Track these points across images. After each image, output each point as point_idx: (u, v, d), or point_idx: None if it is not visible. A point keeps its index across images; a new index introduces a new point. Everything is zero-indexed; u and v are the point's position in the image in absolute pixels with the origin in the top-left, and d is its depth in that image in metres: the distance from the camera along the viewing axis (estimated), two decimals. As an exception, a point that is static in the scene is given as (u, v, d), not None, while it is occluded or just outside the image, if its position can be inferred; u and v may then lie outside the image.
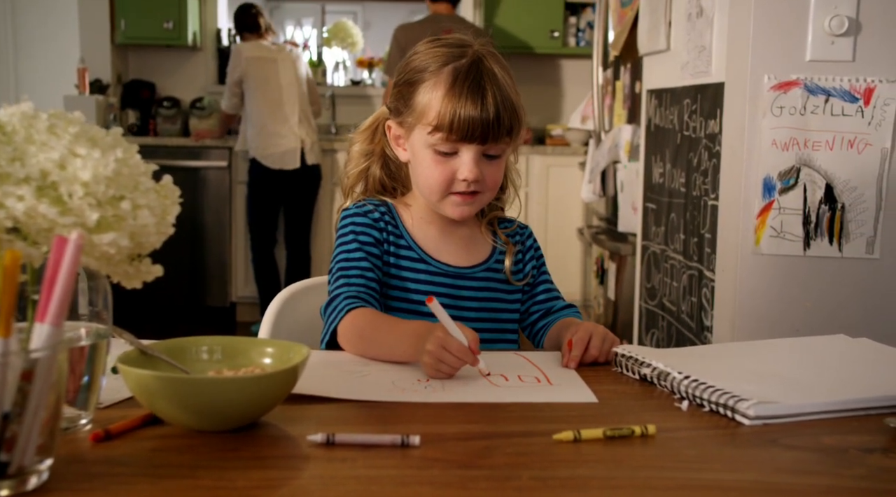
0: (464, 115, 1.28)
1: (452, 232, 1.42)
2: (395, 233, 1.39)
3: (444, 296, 1.37)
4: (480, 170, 1.32)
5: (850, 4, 1.79)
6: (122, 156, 0.85)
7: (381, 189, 1.45)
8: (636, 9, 2.93)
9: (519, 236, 1.49)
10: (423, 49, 1.36)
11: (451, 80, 1.30)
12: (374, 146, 1.45)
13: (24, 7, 6.86)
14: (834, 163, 1.82)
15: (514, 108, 1.32)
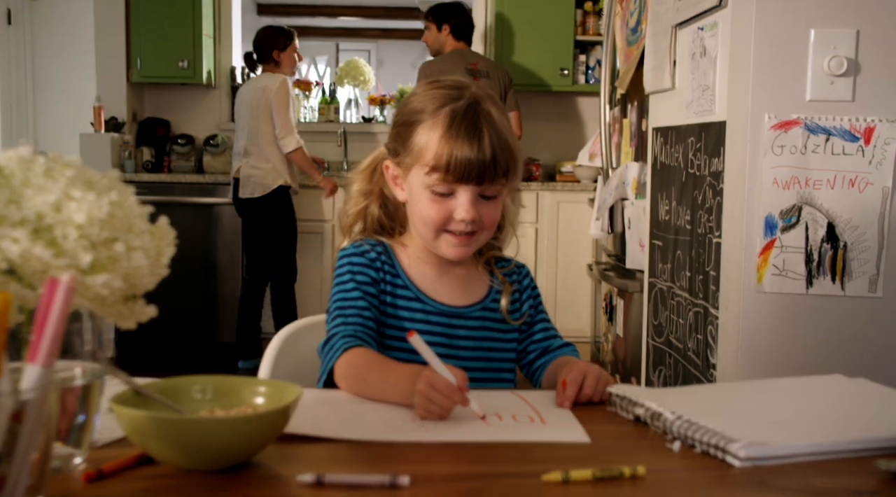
0: (460, 157, 1.30)
1: (449, 271, 1.43)
2: (392, 272, 1.40)
3: (440, 334, 1.37)
4: (477, 210, 1.33)
5: (849, 45, 1.81)
6: (117, 198, 0.86)
7: (380, 228, 1.46)
8: (642, 48, 2.96)
9: (516, 275, 1.50)
10: (421, 91, 1.38)
11: (449, 121, 1.31)
12: (372, 186, 1.46)
13: (42, 46, 6.97)
14: (835, 201, 1.83)
15: (510, 150, 1.33)
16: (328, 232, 5.19)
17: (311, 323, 1.57)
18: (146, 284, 0.88)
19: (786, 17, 1.85)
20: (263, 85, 4.64)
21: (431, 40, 4.86)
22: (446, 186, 1.32)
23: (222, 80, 5.79)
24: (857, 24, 1.82)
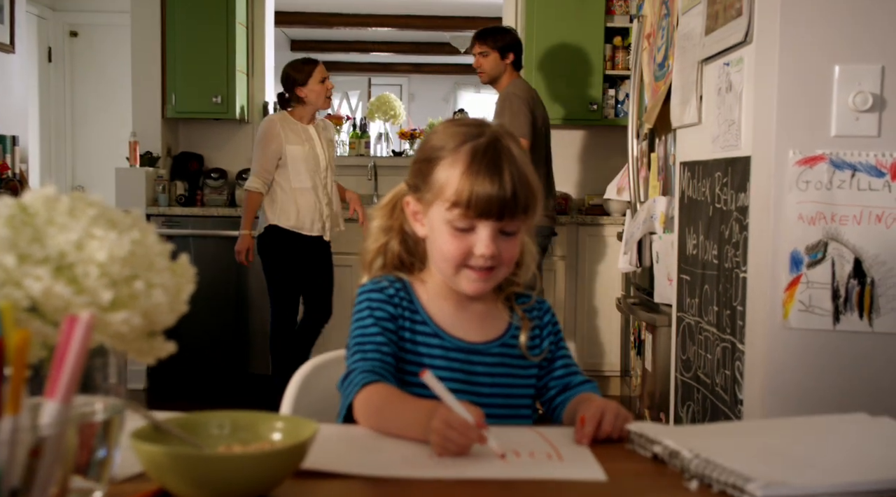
0: (481, 193, 1.31)
1: (468, 307, 1.44)
2: (411, 308, 1.41)
3: (458, 370, 1.38)
4: (497, 246, 1.34)
5: (874, 81, 1.81)
6: (139, 237, 0.88)
7: (400, 264, 1.48)
8: (669, 82, 2.97)
9: (537, 311, 1.50)
10: (442, 129, 1.40)
11: (470, 158, 1.33)
12: (392, 222, 1.48)
13: (81, 82, 7.11)
14: (862, 237, 1.82)
15: (529, 186, 1.35)
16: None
17: (333, 358, 1.58)
18: (166, 321, 0.90)
19: (810, 54, 1.85)
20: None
21: (490, 67, 4.60)
22: (467, 222, 1.34)
23: (255, 115, 5.87)
24: (882, 59, 1.82)
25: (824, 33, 1.85)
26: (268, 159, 4.40)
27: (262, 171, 4.41)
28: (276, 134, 4.41)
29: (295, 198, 4.44)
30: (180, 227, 5.20)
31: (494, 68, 4.59)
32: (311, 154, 4.48)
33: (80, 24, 7.08)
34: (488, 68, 4.60)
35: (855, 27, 1.84)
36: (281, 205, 4.45)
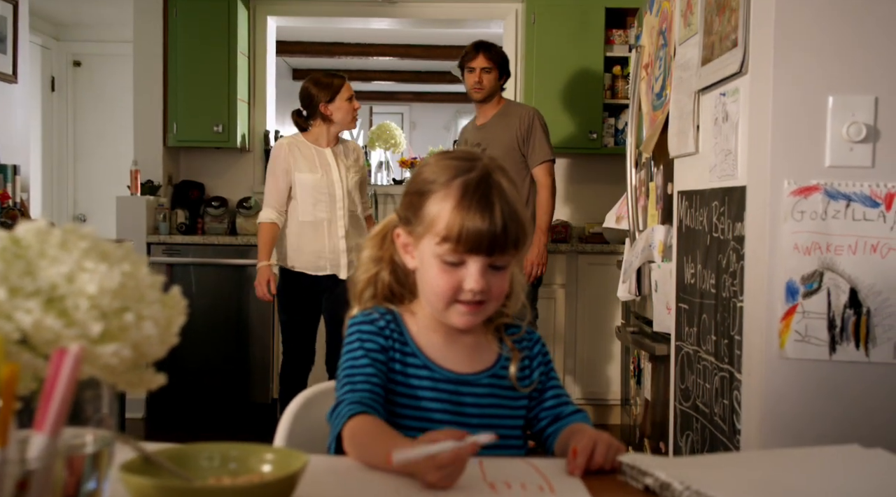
0: (472, 228, 1.32)
1: (457, 339, 1.44)
2: (401, 340, 1.41)
3: (447, 402, 1.38)
4: (486, 280, 1.35)
5: (868, 112, 1.82)
6: (130, 269, 0.89)
7: (390, 294, 1.48)
8: (666, 112, 2.98)
9: (527, 342, 1.50)
10: (434, 161, 1.41)
11: (461, 193, 1.34)
12: (383, 252, 1.48)
13: (83, 112, 7.15)
14: (857, 267, 1.82)
15: (520, 221, 1.35)
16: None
17: (328, 388, 1.58)
18: (156, 353, 0.90)
19: (804, 84, 1.86)
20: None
21: (491, 84, 4.46)
22: (457, 256, 1.34)
23: (256, 143, 5.90)
24: (875, 90, 1.83)
25: (818, 64, 1.86)
26: (277, 188, 4.06)
27: (272, 200, 4.08)
28: (283, 161, 4.07)
29: (302, 234, 4.07)
30: (181, 255, 5.21)
31: (494, 86, 4.49)
32: (325, 182, 4.05)
33: (83, 54, 7.14)
34: (489, 85, 4.46)
35: (848, 58, 1.86)
36: (288, 242, 4.11)
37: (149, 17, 5.54)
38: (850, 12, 1.86)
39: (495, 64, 4.45)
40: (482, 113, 4.57)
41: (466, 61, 4.49)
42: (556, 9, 5.44)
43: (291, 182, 4.05)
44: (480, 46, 4.46)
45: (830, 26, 1.86)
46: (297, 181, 4.04)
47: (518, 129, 4.39)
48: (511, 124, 4.42)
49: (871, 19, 1.85)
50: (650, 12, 3.42)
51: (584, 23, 5.44)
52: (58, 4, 6.43)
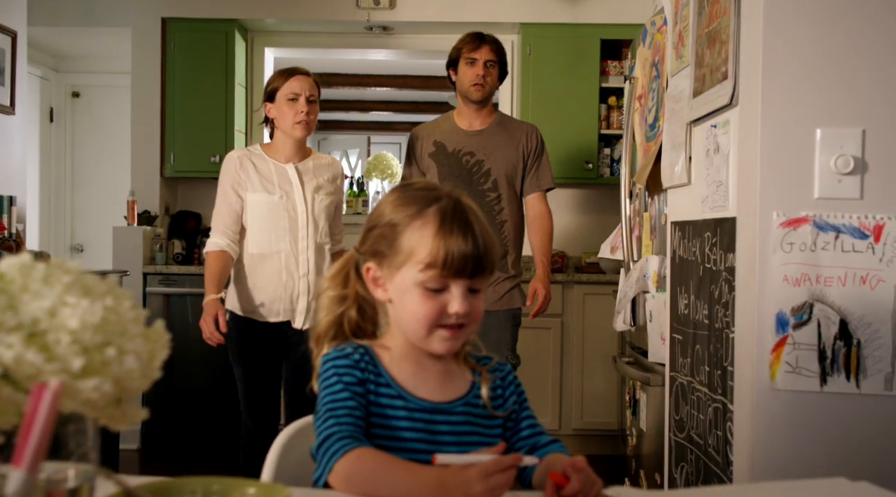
0: (457, 252, 1.35)
1: (429, 367, 1.45)
2: (375, 372, 1.42)
3: (423, 431, 1.39)
4: (469, 303, 1.36)
5: (856, 144, 1.83)
6: (112, 303, 0.89)
7: (358, 330, 1.48)
8: (659, 143, 3.00)
9: (499, 372, 1.51)
10: (395, 197, 1.43)
11: (440, 219, 1.36)
12: (348, 290, 1.49)
13: (81, 142, 7.18)
14: (847, 299, 1.82)
15: (494, 244, 1.40)
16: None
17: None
18: (138, 387, 0.90)
19: (791, 117, 1.88)
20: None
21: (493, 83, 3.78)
22: (441, 282, 1.36)
23: (253, 173, 5.92)
24: (863, 123, 1.84)
25: (806, 97, 1.88)
26: (225, 210, 3.27)
27: (220, 224, 3.28)
28: (231, 177, 3.26)
29: (252, 270, 3.27)
30: (177, 285, 5.21)
31: (495, 85, 3.79)
32: (284, 205, 3.23)
33: (82, 85, 7.18)
34: (492, 82, 3.76)
35: (836, 91, 1.87)
36: (235, 280, 3.32)
37: (147, 49, 5.58)
38: (837, 46, 1.88)
39: (500, 59, 3.78)
40: (475, 118, 3.79)
41: (466, 52, 3.74)
42: (552, 40, 5.48)
43: (243, 204, 3.27)
44: (485, 37, 3.76)
45: (818, 60, 1.88)
46: (250, 203, 3.24)
47: (525, 144, 3.78)
48: (515, 137, 3.78)
49: (859, 53, 1.87)
50: (643, 44, 3.45)
51: (579, 54, 5.48)
52: (57, 37, 6.48)
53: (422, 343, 1.41)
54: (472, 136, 3.77)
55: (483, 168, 3.72)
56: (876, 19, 1.87)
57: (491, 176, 3.72)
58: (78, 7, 6.11)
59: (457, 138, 3.76)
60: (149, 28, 5.57)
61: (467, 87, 3.75)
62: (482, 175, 3.72)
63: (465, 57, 3.75)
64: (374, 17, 5.60)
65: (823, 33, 1.88)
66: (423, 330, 1.38)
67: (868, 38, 1.87)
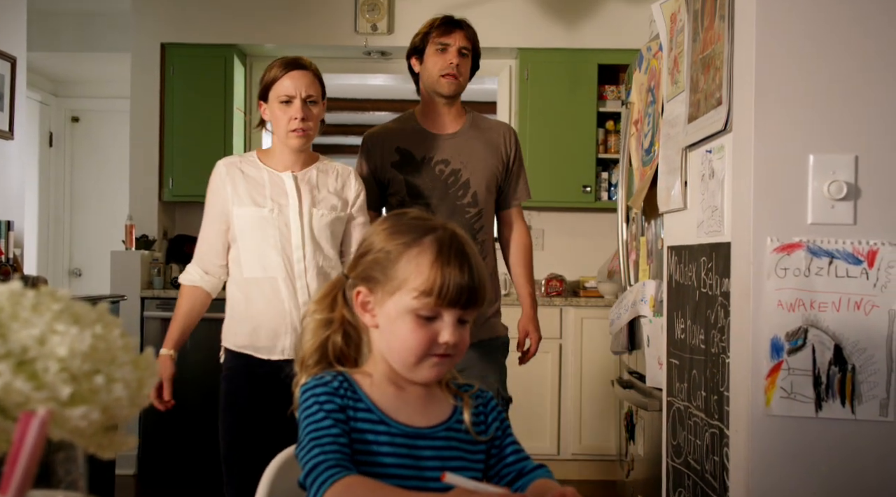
0: (453, 282, 1.36)
1: (410, 392, 1.45)
2: (354, 397, 1.42)
3: (405, 456, 1.39)
4: (459, 333, 1.37)
5: (849, 170, 1.84)
6: (101, 331, 0.89)
7: (341, 356, 1.48)
8: (655, 167, 3.01)
9: (481, 399, 1.52)
10: (389, 225, 1.44)
11: (437, 248, 1.37)
12: (334, 315, 1.49)
13: (81, 166, 7.20)
14: (841, 324, 1.83)
15: (485, 277, 1.41)
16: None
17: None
18: (126, 415, 0.90)
19: (784, 143, 1.89)
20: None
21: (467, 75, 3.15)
22: (434, 310, 1.37)
23: (252, 198, 5.93)
24: (856, 149, 1.85)
25: (798, 123, 1.89)
26: (207, 233, 2.76)
27: (199, 250, 2.78)
28: (218, 191, 2.72)
29: (249, 297, 2.70)
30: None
31: (467, 78, 3.15)
32: (276, 221, 2.67)
33: (81, 110, 7.21)
34: (466, 74, 3.13)
35: (828, 117, 1.88)
36: (229, 309, 2.79)
37: (146, 74, 5.60)
38: (830, 72, 1.89)
39: (474, 48, 3.16)
40: (444, 118, 3.15)
41: (436, 37, 3.10)
42: (550, 65, 5.51)
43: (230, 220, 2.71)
44: (457, 21, 3.14)
45: (810, 86, 1.89)
46: (237, 218, 2.68)
47: (505, 149, 3.19)
48: (493, 141, 3.17)
49: (851, 79, 1.88)
50: (639, 70, 3.47)
51: (576, 79, 5.51)
52: (56, 62, 6.51)
53: (408, 371, 1.41)
54: (445, 140, 3.10)
55: (461, 179, 3.06)
56: (867, 47, 1.88)
57: (470, 188, 3.07)
58: (78, 33, 6.15)
59: (426, 144, 3.09)
60: (148, 53, 5.60)
61: (436, 79, 3.08)
62: (460, 187, 3.07)
63: (434, 42, 3.09)
64: (372, 42, 5.63)
65: (816, 60, 1.90)
66: (412, 358, 1.39)
67: (860, 64, 1.88)
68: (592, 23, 5.64)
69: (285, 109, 2.67)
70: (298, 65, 2.71)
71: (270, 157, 2.76)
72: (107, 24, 6.15)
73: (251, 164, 2.75)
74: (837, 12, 1.89)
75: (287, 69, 2.69)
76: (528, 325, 3.21)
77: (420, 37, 3.15)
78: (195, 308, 2.80)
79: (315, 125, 2.73)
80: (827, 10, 1.89)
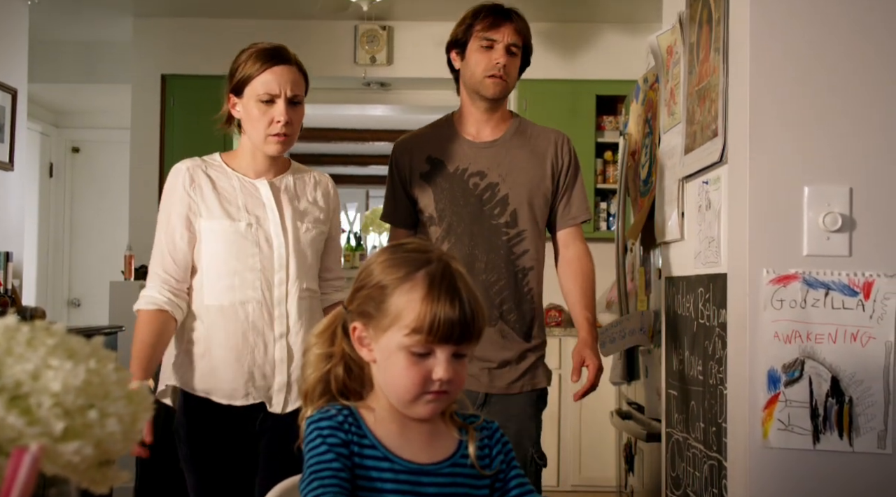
0: (443, 318, 1.34)
1: (414, 428, 1.44)
2: (359, 433, 1.41)
3: (410, 493, 1.38)
4: (453, 369, 1.36)
5: (843, 202, 1.84)
6: (95, 366, 0.89)
7: (345, 389, 1.47)
8: (653, 198, 3.02)
9: (486, 431, 1.50)
10: (385, 258, 1.43)
11: (428, 283, 1.36)
12: (334, 348, 1.48)
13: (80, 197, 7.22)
14: (838, 356, 1.82)
15: (481, 309, 1.39)
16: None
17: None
18: (120, 450, 0.90)
19: (779, 175, 1.90)
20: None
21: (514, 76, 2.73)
22: (426, 347, 1.36)
23: (251, 228, 5.94)
24: (850, 181, 1.86)
25: (793, 155, 1.90)
26: (167, 247, 2.31)
27: (159, 268, 2.31)
28: (180, 197, 2.30)
29: (210, 329, 2.27)
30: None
31: (514, 82, 2.73)
32: (253, 236, 2.27)
33: (81, 141, 7.24)
34: (514, 75, 2.70)
35: (822, 149, 1.89)
36: (185, 343, 2.30)
37: (147, 105, 5.64)
38: (824, 104, 1.90)
39: (525, 44, 2.72)
40: (485, 123, 2.74)
41: (482, 30, 2.64)
42: (548, 95, 5.54)
43: (195, 234, 2.29)
44: (506, 11, 2.67)
45: (805, 118, 1.90)
46: (203, 233, 2.28)
47: (555, 159, 2.75)
48: (539, 149, 2.75)
49: (845, 111, 1.90)
50: (636, 101, 3.49)
51: (575, 109, 5.54)
52: (57, 93, 6.55)
53: (405, 408, 1.40)
54: (483, 149, 2.69)
55: (498, 194, 2.65)
56: (860, 79, 1.90)
57: (509, 205, 2.65)
58: (79, 64, 6.19)
59: (461, 153, 2.69)
60: (149, 84, 5.64)
61: (480, 79, 2.65)
62: (496, 204, 2.65)
63: (479, 37, 2.63)
64: (372, 73, 5.67)
65: (809, 93, 1.91)
66: (407, 395, 1.38)
67: (853, 97, 1.89)
68: (590, 54, 5.68)
69: (265, 110, 2.27)
70: (282, 57, 2.31)
71: (238, 161, 2.37)
72: (108, 56, 6.19)
73: (217, 169, 2.34)
74: (830, 46, 1.91)
75: (269, 63, 2.29)
76: (585, 350, 2.72)
77: (463, 28, 2.68)
78: (163, 333, 2.24)
79: (297, 130, 2.36)
80: (820, 44, 1.91)
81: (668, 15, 2.85)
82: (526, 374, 2.69)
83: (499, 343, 2.63)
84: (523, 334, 2.70)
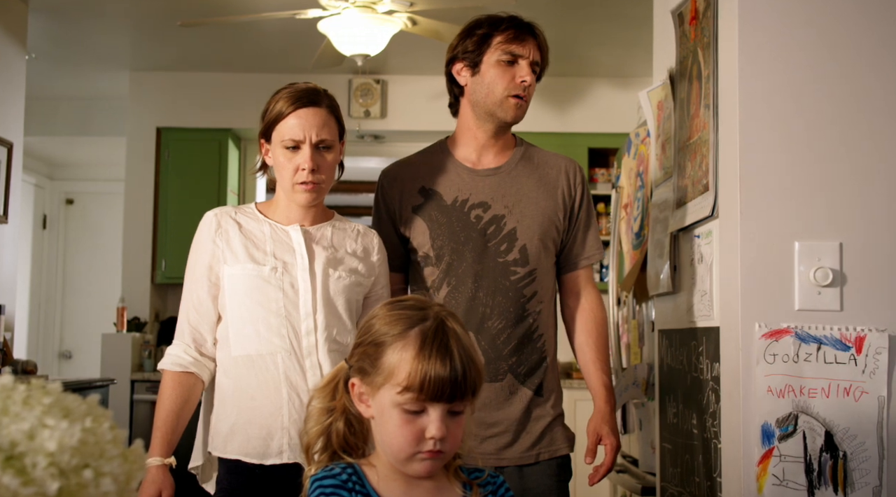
0: (434, 376, 1.34)
1: (419, 485, 1.44)
2: (363, 492, 1.41)
3: None
4: (447, 426, 1.36)
5: (833, 257, 1.86)
6: (91, 425, 0.89)
7: (346, 445, 1.47)
8: (645, 251, 3.03)
9: (491, 486, 1.50)
10: (384, 313, 1.44)
11: (420, 341, 1.37)
12: (336, 403, 1.48)
13: (73, 249, 7.23)
14: (831, 410, 1.83)
15: (476, 366, 1.39)
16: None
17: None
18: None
19: (770, 230, 1.92)
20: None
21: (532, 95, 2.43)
22: (419, 405, 1.36)
23: (244, 280, 5.94)
24: (840, 236, 1.88)
25: (783, 210, 1.92)
26: (194, 301, 2.20)
27: (186, 325, 2.19)
28: (205, 247, 2.19)
29: (237, 383, 2.10)
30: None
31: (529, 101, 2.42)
32: (278, 281, 2.10)
33: (75, 192, 7.27)
34: (532, 94, 2.40)
35: (813, 205, 1.91)
36: (215, 403, 2.16)
37: (141, 158, 5.68)
38: (814, 160, 1.93)
39: (545, 60, 2.41)
40: (487, 149, 2.42)
41: (505, 42, 2.32)
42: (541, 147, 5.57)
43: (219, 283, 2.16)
44: (529, 25, 2.36)
45: (795, 173, 1.93)
46: (226, 279, 2.14)
47: (567, 189, 2.46)
48: (549, 178, 2.45)
49: (834, 167, 1.92)
50: (628, 154, 3.52)
51: (567, 162, 5.57)
52: (53, 146, 6.59)
53: (401, 466, 1.40)
54: (485, 177, 2.38)
55: (504, 228, 2.35)
56: (850, 136, 1.93)
57: (517, 240, 2.35)
58: (74, 117, 6.24)
59: (459, 182, 2.38)
60: (143, 137, 5.69)
61: (500, 99, 2.33)
62: (503, 239, 2.35)
63: (500, 49, 2.31)
64: (366, 126, 5.72)
65: (799, 148, 1.94)
66: (402, 453, 1.38)
67: (843, 152, 1.92)
68: (582, 107, 5.75)
69: (291, 156, 2.12)
70: (310, 99, 2.14)
71: (272, 210, 2.22)
72: (103, 109, 6.25)
73: (249, 215, 2.20)
74: (820, 101, 1.94)
75: (295, 105, 2.12)
76: (602, 426, 2.38)
77: (476, 39, 2.33)
78: (189, 399, 2.12)
79: (330, 176, 2.18)
80: (809, 99, 1.94)
81: (659, 70, 2.89)
82: (542, 439, 2.37)
83: (507, 400, 2.33)
84: (535, 389, 2.40)
